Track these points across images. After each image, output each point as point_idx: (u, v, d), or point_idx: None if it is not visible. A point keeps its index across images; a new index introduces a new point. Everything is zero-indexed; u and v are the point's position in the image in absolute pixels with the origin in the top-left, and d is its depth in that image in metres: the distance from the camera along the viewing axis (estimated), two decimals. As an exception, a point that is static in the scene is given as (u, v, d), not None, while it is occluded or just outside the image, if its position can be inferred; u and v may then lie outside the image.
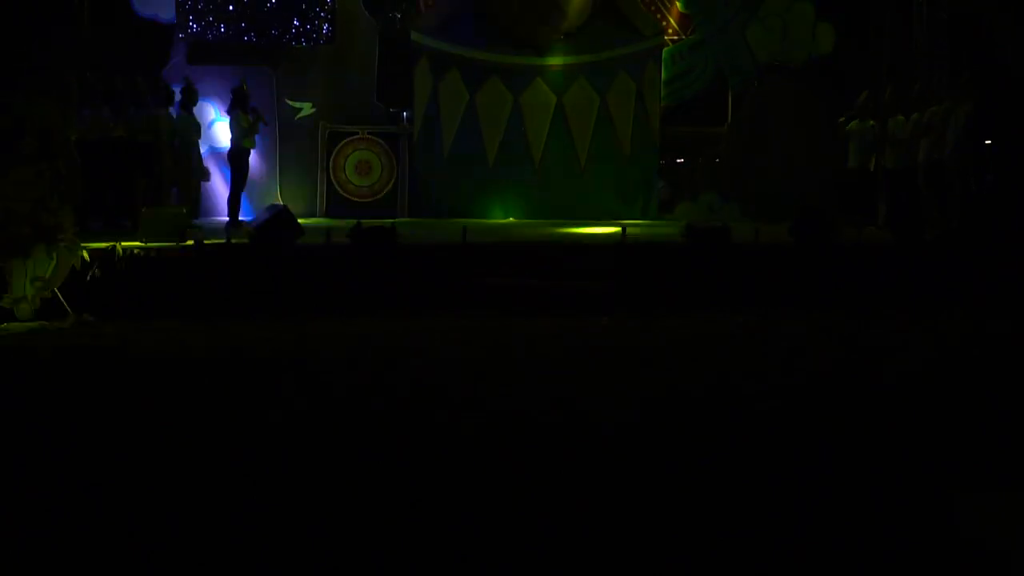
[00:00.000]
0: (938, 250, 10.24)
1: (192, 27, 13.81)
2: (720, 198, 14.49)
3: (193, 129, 12.35)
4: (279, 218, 10.02)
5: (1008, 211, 10.98)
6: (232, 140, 12.45)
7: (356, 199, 14.40)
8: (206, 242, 9.87)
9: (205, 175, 12.95)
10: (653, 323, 6.35)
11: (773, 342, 6.56)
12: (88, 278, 8.99)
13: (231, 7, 13.99)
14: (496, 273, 9.66)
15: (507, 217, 14.50)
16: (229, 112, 12.42)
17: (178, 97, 12.36)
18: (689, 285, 9.68)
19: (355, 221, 10.42)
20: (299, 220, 10.30)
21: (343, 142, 14.46)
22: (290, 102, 14.36)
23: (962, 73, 12.59)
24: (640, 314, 8.11)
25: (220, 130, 13.29)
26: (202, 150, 12.74)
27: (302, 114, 14.42)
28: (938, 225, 11.23)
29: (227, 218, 12.35)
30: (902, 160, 11.99)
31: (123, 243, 9.40)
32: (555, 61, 14.68)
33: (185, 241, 9.89)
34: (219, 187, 13.50)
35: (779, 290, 9.70)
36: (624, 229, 10.97)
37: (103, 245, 9.36)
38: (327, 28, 14.34)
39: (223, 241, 9.98)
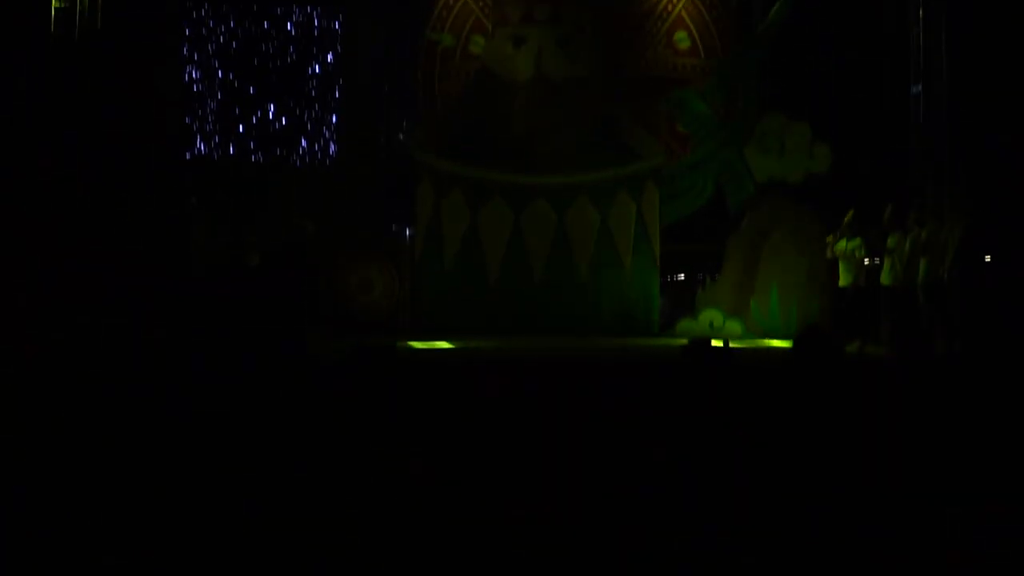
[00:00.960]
0: (942, 370, 10.16)
1: (200, 148, 14.12)
2: (721, 315, 14.47)
3: None
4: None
5: (1012, 331, 10.93)
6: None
7: (357, 316, 14.41)
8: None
9: None
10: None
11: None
12: None
13: (240, 127, 14.32)
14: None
15: (508, 335, 14.42)
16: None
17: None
18: (686, 404, 9.55)
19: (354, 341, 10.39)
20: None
21: (346, 259, 14.57)
22: (294, 220, 14.53)
23: (960, 191, 12.73)
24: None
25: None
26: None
27: (305, 232, 14.57)
28: (942, 345, 11.18)
29: None
30: (901, 278, 12.01)
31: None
32: (556, 180, 14.87)
33: None
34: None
35: (780, 409, 9.57)
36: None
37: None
38: (333, 148, 14.64)
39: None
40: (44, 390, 6.56)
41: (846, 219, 13.01)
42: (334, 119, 14.79)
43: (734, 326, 14.28)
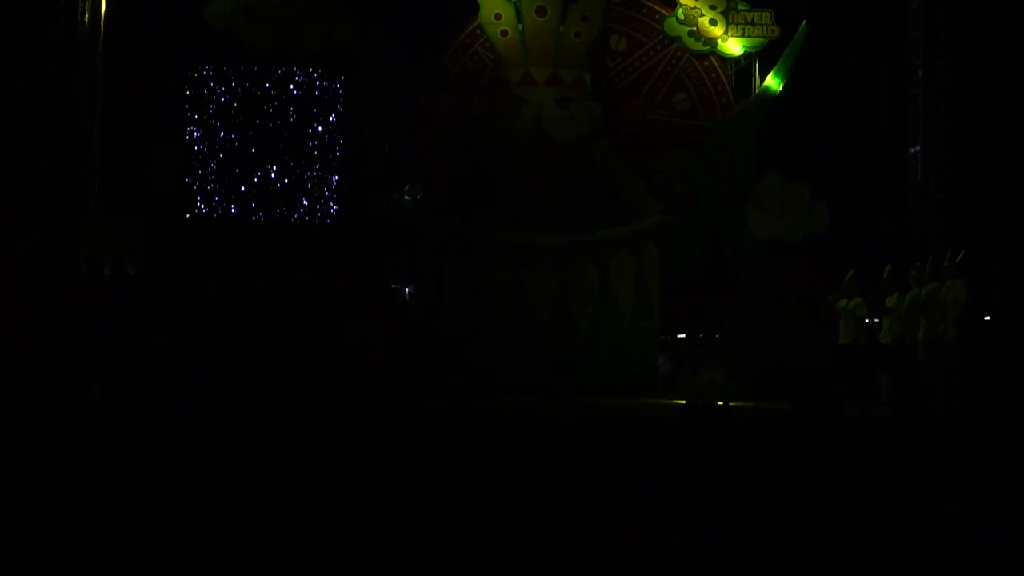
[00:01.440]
0: (942, 429, 10.05)
1: (201, 207, 14.20)
2: (721, 374, 14.40)
3: None
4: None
5: (1012, 391, 10.81)
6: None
7: (359, 368, 14.37)
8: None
9: None
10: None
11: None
12: None
13: (242, 187, 14.41)
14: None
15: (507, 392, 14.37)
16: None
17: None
18: (680, 466, 9.43)
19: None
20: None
21: (348, 316, 14.56)
22: (295, 278, 14.56)
23: (959, 251, 12.67)
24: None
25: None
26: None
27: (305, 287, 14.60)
28: (941, 404, 11.06)
29: None
30: (900, 337, 11.92)
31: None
32: (556, 239, 14.94)
33: None
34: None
35: (777, 470, 9.46)
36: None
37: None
38: (335, 208, 14.72)
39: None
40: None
41: (846, 278, 12.99)
42: (335, 179, 14.89)
43: (734, 385, 14.20)
